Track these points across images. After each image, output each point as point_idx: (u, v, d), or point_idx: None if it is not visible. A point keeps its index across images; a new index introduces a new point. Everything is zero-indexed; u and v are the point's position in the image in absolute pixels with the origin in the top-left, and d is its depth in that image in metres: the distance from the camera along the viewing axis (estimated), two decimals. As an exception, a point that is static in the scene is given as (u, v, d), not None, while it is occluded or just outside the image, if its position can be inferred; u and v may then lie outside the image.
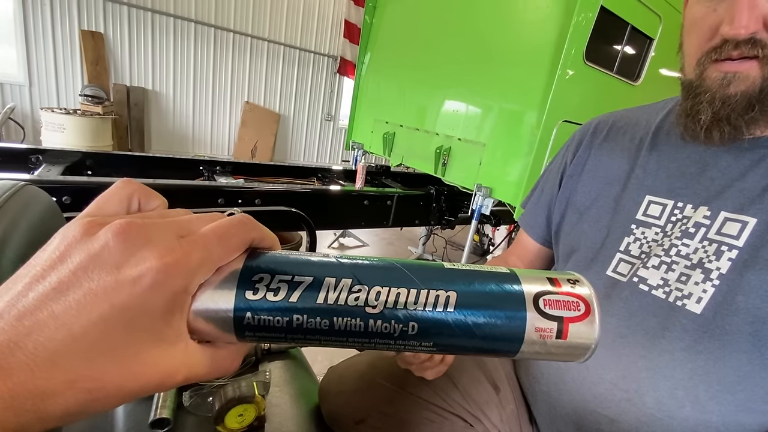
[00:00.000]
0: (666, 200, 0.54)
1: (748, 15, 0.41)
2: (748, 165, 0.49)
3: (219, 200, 1.65)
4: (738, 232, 0.47)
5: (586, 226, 0.62)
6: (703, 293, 0.48)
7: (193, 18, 4.86)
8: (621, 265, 0.56)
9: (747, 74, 0.44)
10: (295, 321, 0.19)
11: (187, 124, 5.25)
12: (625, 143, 0.62)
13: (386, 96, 3.10)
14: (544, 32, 1.85)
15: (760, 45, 0.42)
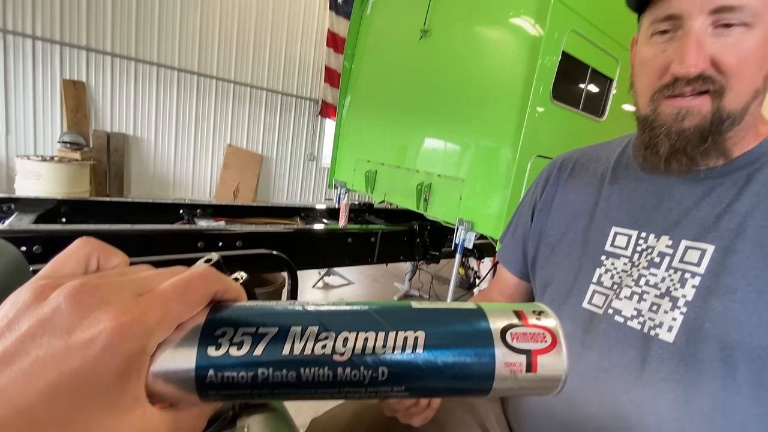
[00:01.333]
0: (630, 231, 0.56)
1: (696, 55, 0.45)
2: (700, 195, 0.51)
3: (199, 244, 1.61)
4: (698, 259, 0.49)
5: (558, 259, 0.64)
6: (673, 321, 0.49)
7: (176, 66, 4.98)
8: (596, 296, 0.57)
9: (699, 109, 0.47)
10: (261, 375, 0.19)
11: (168, 168, 5.23)
12: (588, 178, 0.65)
13: (367, 136, 3.18)
14: (513, 74, 1.97)
15: (710, 81, 0.46)
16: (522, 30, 1.94)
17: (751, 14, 0.43)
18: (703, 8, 0.44)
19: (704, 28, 0.45)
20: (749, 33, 0.44)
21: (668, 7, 0.47)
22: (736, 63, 0.45)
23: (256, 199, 5.87)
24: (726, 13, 0.43)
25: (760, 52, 0.45)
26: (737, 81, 0.45)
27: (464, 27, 2.31)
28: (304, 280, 3.63)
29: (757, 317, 0.44)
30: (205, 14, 5.06)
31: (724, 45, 0.44)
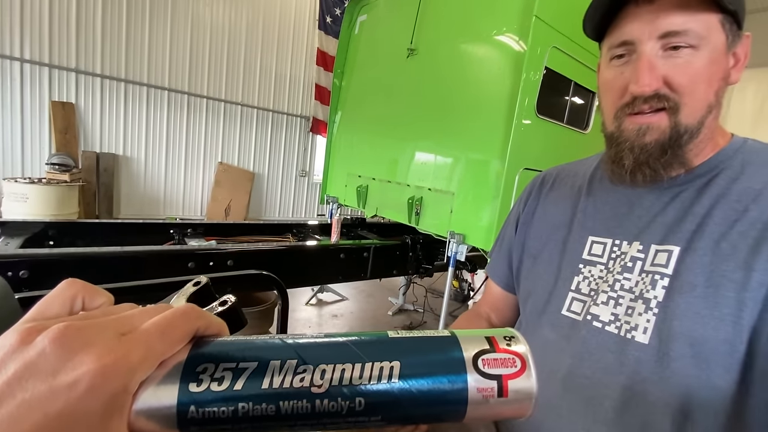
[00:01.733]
0: (605, 239, 0.59)
1: (649, 75, 0.49)
2: (666, 201, 0.55)
3: (189, 264, 1.60)
4: (666, 260, 0.51)
5: (540, 269, 0.66)
6: (647, 323, 0.51)
7: (167, 86, 5.01)
8: (574, 303, 0.59)
9: (658, 125, 0.51)
10: (241, 410, 0.19)
11: (158, 187, 5.20)
12: (567, 192, 0.69)
13: (358, 151, 3.21)
14: (499, 88, 2.02)
15: (665, 99, 0.50)
16: (506, 46, 2.00)
17: (696, 37, 0.48)
18: (651, 34, 0.48)
19: (655, 51, 0.49)
20: (696, 54, 0.48)
21: (621, 35, 0.51)
22: (686, 81, 0.49)
23: (247, 216, 5.84)
24: (673, 37, 0.48)
25: (708, 71, 0.49)
26: (690, 97, 0.49)
27: (450, 45, 2.37)
28: (297, 297, 3.60)
29: (718, 311, 0.46)
30: (195, 34, 5.12)
31: (675, 65, 0.49)
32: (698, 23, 0.47)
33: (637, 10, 0.50)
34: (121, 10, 4.59)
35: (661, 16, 0.48)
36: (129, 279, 1.44)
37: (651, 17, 0.48)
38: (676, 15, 0.47)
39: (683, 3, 0.47)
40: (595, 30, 0.56)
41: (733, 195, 0.50)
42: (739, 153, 0.53)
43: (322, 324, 3.22)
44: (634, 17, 0.50)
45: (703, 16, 0.47)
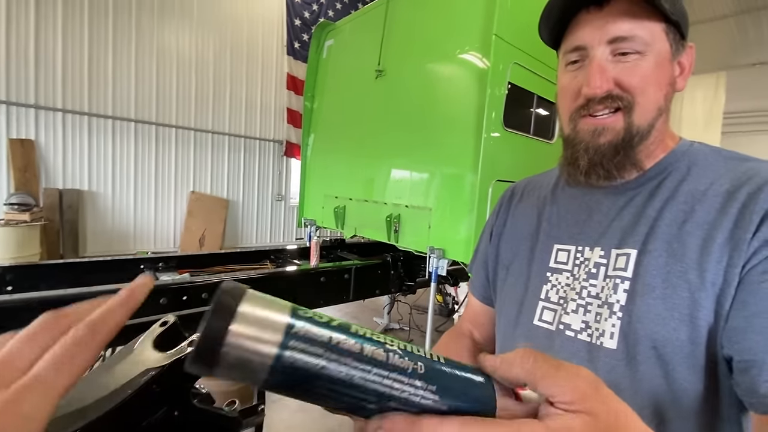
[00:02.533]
0: (569, 246, 0.60)
1: (600, 78, 0.51)
2: (622, 205, 0.56)
3: (161, 300, 1.53)
4: (625, 264, 0.52)
5: (512, 280, 0.67)
6: (612, 328, 0.51)
7: (133, 118, 4.90)
8: (545, 312, 0.60)
9: (613, 126, 0.53)
10: (335, 343, 0.21)
11: (127, 220, 5.01)
12: (533, 202, 0.70)
13: (333, 172, 3.21)
14: (466, 104, 2.07)
15: (618, 99, 0.52)
16: (470, 64, 2.07)
17: (642, 44, 0.51)
18: (602, 39, 0.51)
19: (605, 56, 0.52)
20: (643, 59, 0.51)
21: (574, 40, 0.54)
22: (636, 82, 0.51)
23: (224, 244, 5.69)
24: (621, 42, 0.51)
25: (656, 75, 0.52)
26: (642, 97, 0.52)
27: (417, 64, 2.44)
28: (279, 325, 3.49)
29: (677, 312, 0.47)
30: (161, 65, 5.06)
31: (624, 68, 0.51)
32: (644, 30, 0.50)
33: (588, 16, 0.52)
34: (83, 42, 4.51)
35: (610, 22, 0.50)
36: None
37: (601, 23, 0.51)
38: (624, 22, 0.50)
39: (630, 11, 0.50)
40: (551, 36, 0.58)
41: (681, 196, 0.52)
42: (686, 156, 0.55)
43: (306, 351, 3.12)
44: (586, 23, 0.52)
45: (649, 24, 0.50)
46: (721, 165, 0.53)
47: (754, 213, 0.45)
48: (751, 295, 0.43)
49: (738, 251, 0.45)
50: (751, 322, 0.43)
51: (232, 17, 5.62)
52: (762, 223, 0.44)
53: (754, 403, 0.42)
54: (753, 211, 0.45)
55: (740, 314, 0.44)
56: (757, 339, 0.42)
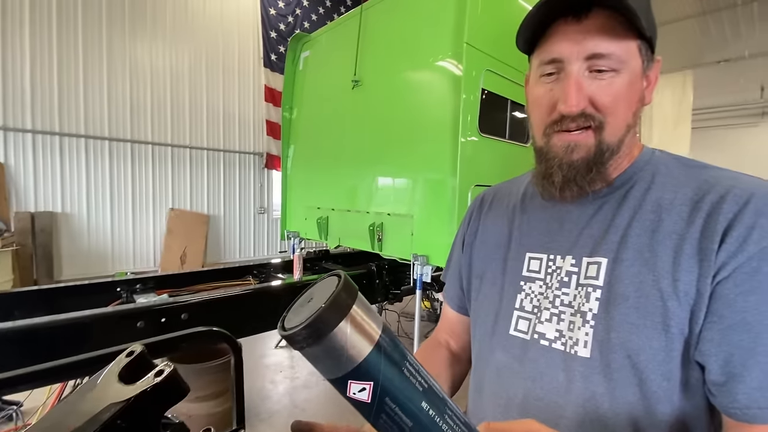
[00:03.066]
0: (541, 254, 0.60)
1: (577, 96, 0.50)
2: (591, 214, 0.57)
3: (138, 324, 1.48)
4: (597, 272, 0.53)
5: (486, 290, 0.67)
6: (586, 336, 0.51)
7: (107, 136, 4.79)
8: (520, 322, 0.59)
9: (585, 143, 0.53)
10: None
11: (104, 242, 4.87)
12: (503, 210, 0.70)
13: (315, 183, 3.20)
14: (442, 110, 2.10)
15: (591, 118, 0.52)
16: (444, 71, 2.10)
17: (618, 61, 0.51)
18: (579, 54, 0.51)
19: (582, 72, 0.51)
20: (618, 77, 0.51)
21: (551, 52, 0.53)
22: (609, 102, 0.51)
23: (206, 261, 5.58)
24: (598, 59, 0.50)
25: (628, 93, 0.52)
26: (613, 117, 0.52)
27: (392, 73, 2.46)
28: (265, 342, 3.43)
29: (650, 320, 0.48)
30: (134, 80, 4.98)
31: (599, 87, 0.51)
32: (620, 48, 0.50)
33: (566, 28, 0.51)
34: (51, 61, 4.40)
35: (588, 37, 0.50)
36: (71, 350, 1.30)
37: (579, 37, 0.50)
38: (602, 38, 0.50)
39: (608, 26, 0.50)
40: (527, 44, 0.58)
41: (648, 205, 0.53)
42: (649, 165, 0.56)
43: (294, 366, 3.07)
44: (563, 36, 0.52)
45: (625, 41, 0.50)
46: (683, 173, 0.54)
47: (718, 223, 0.46)
48: (726, 307, 0.44)
49: (707, 262, 0.46)
50: (727, 335, 0.44)
51: (206, 31, 5.58)
52: (726, 234, 0.45)
53: (734, 413, 0.43)
54: (717, 221, 0.46)
55: (716, 327, 0.44)
56: (732, 352, 0.43)
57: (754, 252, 0.44)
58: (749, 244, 0.44)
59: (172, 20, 5.25)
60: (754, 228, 0.44)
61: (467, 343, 0.76)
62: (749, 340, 0.43)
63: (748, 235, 0.44)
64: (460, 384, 0.75)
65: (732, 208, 0.47)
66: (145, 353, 0.49)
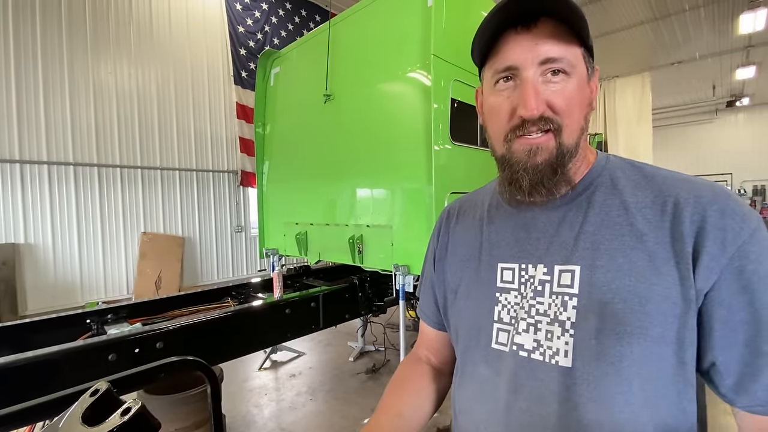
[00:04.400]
0: (513, 264, 0.60)
1: (535, 100, 0.51)
2: (558, 221, 0.57)
3: (110, 357, 1.41)
4: (571, 280, 0.53)
5: (461, 304, 0.66)
6: (566, 346, 0.51)
7: (72, 161, 4.60)
8: (500, 334, 0.59)
9: (546, 145, 0.53)
10: None
11: (72, 271, 4.64)
12: (470, 222, 0.70)
13: (292, 199, 3.16)
14: (415, 120, 2.12)
15: (550, 121, 0.53)
16: (414, 81, 2.14)
17: (569, 65, 0.53)
18: (533, 60, 0.52)
19: (536, 77, 0.53)
20: (569, 80, 0.53)
21: (506, 60, 0.54)
22: (565, 105, 0.53)
23: (182, 285, 5.39)
24: (551, 63, 0.52)
25: (580, 97, 0.54)
26: (569, 120, 0.53)
27: (363, 85, 2.48)
28: (248, 364, 3.33)
29: (630, 326, 0.48)
30: (99, 103, 4.82)
31: (554, 91, 0.53)
32: (569, 53, 0.52)
33: (517, 37, 0.53)
34: (9, 85, 4.22)
35: (540, 43, 0.51)
36: (38, 390, 1.22)
37: (531, 44, 0.52)
38: (554, 44, 0.51)
39: (556, 33, 0.52)
40: (481, 55, 0.58)
41: (613, 211, 0.54)
42: (606, 169, 0.58)
43: (279, 388, 2.98)
44: (516, 44, 0.52)
45: (572, 47, 0.53)
46: (638, 176, 0.55)
47: (685, 226, 0.48)
48: (724, 310, 0.46)
49: (684, 263, 0.47)
50: (731, 338, 0.46)
51: (173, 50, 5.49)
52: (700, 236, 0.47)
53: (758, 410, 0.45)
54: (684, 224, 0.48)
55: (718, 332, 0.46)
56: (741, 352, 0.45)
57: (734, 252, 0.46)
58: (727, 245, 0.46)
59: (136, 40, 5.14)
60: (725, 229, 0.46)
61: (447, 358, 0.76)
62: (752, 339, 0.44)
63: (723, 236, 0.46)
64: (443, 398, 0.74)
65: (697, 210, 0.48)
66: (111, 391, 0.46)
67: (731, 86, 11.20)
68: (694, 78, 10.36)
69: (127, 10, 5.06)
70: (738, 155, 13.43)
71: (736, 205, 0.48)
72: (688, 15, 7.11)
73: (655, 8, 6.90)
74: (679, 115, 13.39)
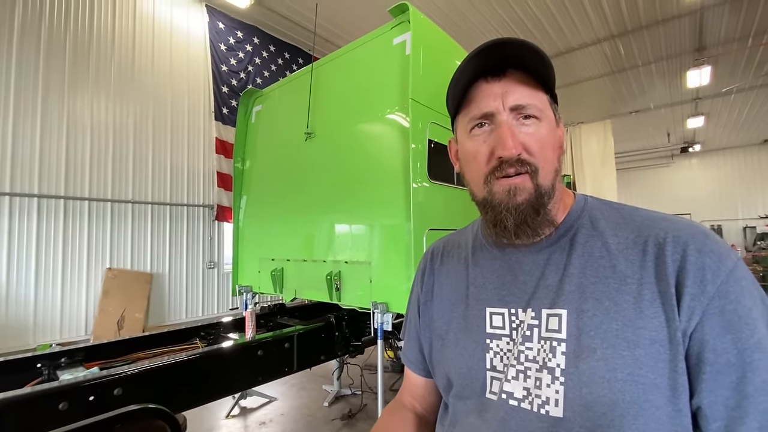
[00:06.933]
0: (501, 309, 0.59)
1: (512, 140, 0.53)
2: (543, 264, 0.57)
3: (61, 405, 1.28)
4: (558, 325, 0.52)
5: (449, 352, 0.63)
6: (556, 394, 0.49)
7: (36, 193, 4.41)
8: (494, 383, 0.56)
9: (524, 186, 0.54)
10: None
11: (26, 311, 4.31)
12: (455, 264, 0.69)
13: (269, 234, 3.11)
14: (394, 159, 2.18)
15: (526, 163, 0.54)
16: (394, 123, 2.21)
17: (538, 110, 0.56)
18: (506, 105, 0.55)
19: (510, 121, 0.55)
20: (540, 125, 0.56)
21: (481, 108, 0.56)
22: (539, 147, 0.55)
23: (147, 324, 5.08)
24: (522, 109, 0.55)
25: (551, 140, 0.57)
26: (543, 162, 0.55)
27: (344, 125, 2.55)
28: (214, 411, 3.10)
29: (620, 372, 0.47)
30: (72, 135, 4.71)
31: (528, 134, 0.55)
32: (537, 99, 0.55)
33: (488, 85, 0.56)
34: (-25, 115, 4.08)
35: (510, 90, 0.54)
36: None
37: (501, 92, 0.54)
38: (523, 90, 0.54)
39: (524, 81, 0.55)
40: (455, 105, 0.61)
41: (596, 252, 0.54)
42: (585, 211, 0.59)
43: (247, 437, 2.78)
44: (488, 92, 0.55)
45: (539, 94, 0.56)
46: (617, 216, 0.56)
47: (667, 266, 0.48)
48: (709, 352, 0.45)
49: (669, 305, 0.47)
50: (717, 380, 0.44)
51: (154, 86, 5.51)
52: (681, 276, 0.47)
53: None
54: (666, 264, 0.48)
55: (705, 375, 0.45)
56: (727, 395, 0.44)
57: (713, 292, 0.45)
58: (707, 285, 0.46)
59: (117, 75, 5.15)
60: (704, 269, 0.46)
61: (433, 405, 0.73)
62: (738, 381, 0.43)
63: (702, 276, 0.46)
64: None
65: (677, 249, 0.48)
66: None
67: (684, 134, 12.15)
68: (651, 126, 11.22)
69: (110, 46, 5.10)
70: (694, 197, 14.36)
71: (714, 244, 0.48)
72: (641, 70, 7.81)
73: (612, 63, 7.55)
74: (639, 159, 14.33)
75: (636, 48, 6.92)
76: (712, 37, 6.59)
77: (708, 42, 6.72)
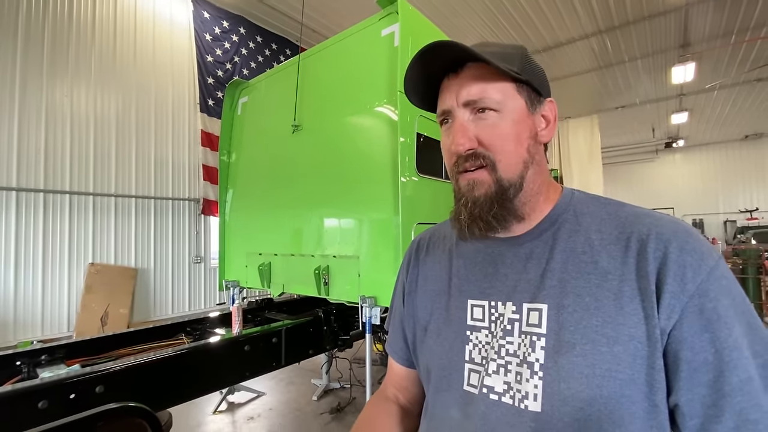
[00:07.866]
0: (482, 301, 0.59)
1: (462, 136, 0.54)
2: (524, 259, 0.57)
3: (40, 404, 1.25)
4: (539, 320, 0.52)
5: (431, 342, 0.63)
6: (535, 389, 0.49)
7: (15, 186, 4.28)
8: (472, 375, 0.56)
9: (482, 180, 0.55)
10: None
11: (5, 307, 4.19)
12: (440, 255, 0.69)
13: (256, 228, 3.07)
14: (382, 152, 2.16)
15: (481, 156, 0.55)
16: (382, 115, 2.19)
17: (494, 103, 0.55)
18: (459, 103, 0.56)
19: (466, 117, 0.56)
20: (500, 116, 0.55)
21: (442, 105, 0.59)
22: (494, 140, 0.55)
23: (132, 320, 5.00)
24: (474, 104, 0.55)
25: (515, 130, 0.55)
26: (501, 154, 0.55)
27: (332, 118, 2.51)
28: (201, 407, 3.08)
29: (598, 368, 0.47)
30: (51, 127, 4.57)
31: (484, 127, 0.55)
32: (494, 91, 0.54)
33: (448, 82, 0.57)
34: (-53, 106, 3.93)
35: (464, 86, 0.55)
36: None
37: (456, 88, 0.56)
38: (475, 85, 0.54)
39: (480, 75, 0.55)
40: (423, 102, 0.63)
41: (578, 247, 0.54)
42: (570, 206, 0.58)
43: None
44: (447, 89, 0.57)
45: (499, 84, 0.55)
46: (602, 211, 0.56)
47: (648, 263, 0.48)
48: (687, 350, 0.44)
49: (649, 302, 0.47)
50: (694, 378, 0.44)
51: (137, 76, 5.36)
52: (661, 273, 0.47)
53: None
54: (647, 261, 0.48)
55: (683, 373, 0.45)
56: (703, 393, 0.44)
57: (693, 290, 0.45)
58: (687, 283, 0.46)
59: (98, 63, 4.99)
60: (685, 266, 0.46)
61: (416, 396, 0.73)
62: (715, 380, 0.43)
63: (683, 274, 0.46)
64: None
65: (659, 246, 0.48)
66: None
67: (668, 129, 12.38)
68: (636, 121, 11.39)
69: (90, 34, 4.94)
70: (677, 191, 14.69)
71: (696, 242, 0.48)
72: (627, 65, 7.90)
73: (599, 58, 7.62)
74: (625, 153, 14.57)
75: (623, 43, 6.99)
76: (697, 34, 6.70)
77: (693, 39, 6.83)
